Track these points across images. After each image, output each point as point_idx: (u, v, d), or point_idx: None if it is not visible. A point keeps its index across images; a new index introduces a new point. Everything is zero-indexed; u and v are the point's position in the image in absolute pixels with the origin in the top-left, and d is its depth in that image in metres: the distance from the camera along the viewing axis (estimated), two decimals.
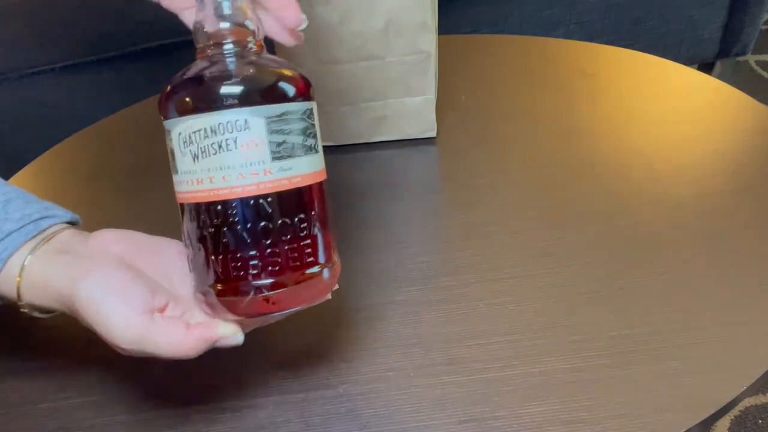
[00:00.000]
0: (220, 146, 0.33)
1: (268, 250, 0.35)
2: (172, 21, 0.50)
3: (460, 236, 0.53)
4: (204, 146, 0.33)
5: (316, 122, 0.37)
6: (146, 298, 0.35)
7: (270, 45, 0.46)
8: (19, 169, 0.71)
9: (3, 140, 1.16)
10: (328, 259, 0.37)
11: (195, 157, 0.34)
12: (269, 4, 0.39)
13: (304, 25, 0.39)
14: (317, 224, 0.36)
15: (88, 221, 0.55)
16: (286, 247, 0.35)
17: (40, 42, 1.10)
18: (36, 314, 0.39)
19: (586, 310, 0.45)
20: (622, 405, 0.39)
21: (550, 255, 0.50)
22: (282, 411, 0.42)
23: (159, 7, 0.43)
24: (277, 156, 0.34)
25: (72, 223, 0.41)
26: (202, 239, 0.35)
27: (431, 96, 0.64)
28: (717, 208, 0.53)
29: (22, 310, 0.38)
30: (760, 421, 0.95)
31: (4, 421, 0.43)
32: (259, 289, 0.35)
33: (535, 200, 0.56)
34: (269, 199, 0.34)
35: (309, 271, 0.36)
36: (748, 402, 0.97)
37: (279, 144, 0.34)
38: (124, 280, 0.35)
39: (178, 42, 1.15)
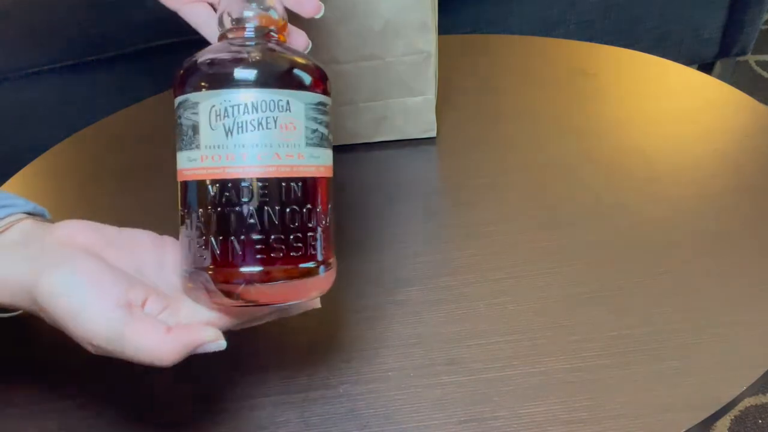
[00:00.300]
0: (260, 123, 0.33)
1: (292, 235, 0.34)
2: (172, 21, 0.50)
3: (460, 236, 0.53)
4: (242, 121, 0.33)
5: (332, 117, 0.38)
6: (121, 289, 0.32)
7: None
8: (19, 169, 0.71)
9: (3, 140, 1.16)
10: (331, 256, 0.37)
11: (229, 131, 0.33)
12: None
13: (321, 13, 0.40)
14: (328, 220, 0.36)
15: (91, 216, 0.55)
16: (309, 234, 0.35)
17: (40, 42, 1.10)
18: None
19: (586, 310, 0.45)
20: (622, 405, 0.39)
21: (550, 255, 0.50)
22: (282, 411, 0.42)
23: (157, 3, 0.43)
24: (310, 142, 0.34)
25: (34, 215, 0.37)
26: (218, 220, 0.33)
27: (431, 96, 0.64)
28: (717, 208, 0.53)
29: None
30: (760, 421, 0.95)
31: (4, 421, 0.43)
32: (267, 279, 0.34)
33: (535, 200, 0.56)
34: (299, 184, 0.34)
35: (316, 263, 0.35)
36: (748, 402, 0.97)
37: (313, 131, 0.35)
38: (95, 271, 0.32)
39: (178, 42, 1.15)
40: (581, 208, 0.54)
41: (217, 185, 0.33)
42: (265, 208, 0.33)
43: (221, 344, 0.33)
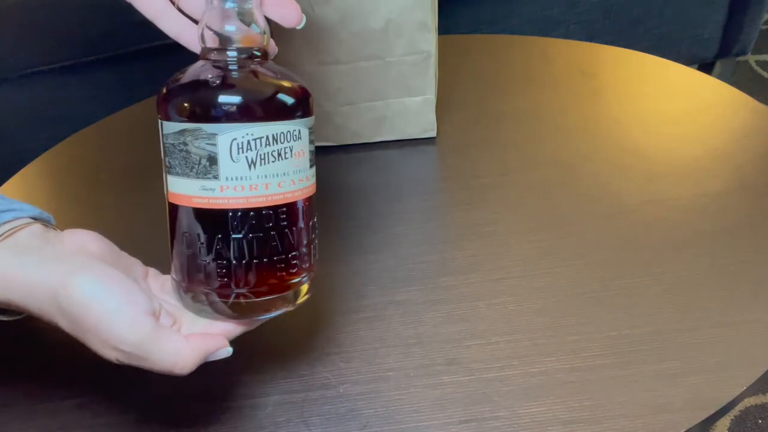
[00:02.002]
0: (279, 154, 0.34)
1: (303, 250, 0.37)
2: None
3: (460, 236, 0.53)
4: (264, 154, 0.34)
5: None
6: (147, 299, 0.33)
7: None
8: (19, 169, 0.71)
9: (3, 140, 1.16)
10: (313, 269, 0.40)
11: (252, 164, 0.34)
12: (267, 6, 0.39)
13: (303, 24, 0.39)
14: (314, 235, 0.39)
15: (89, 221, 0.55)
16: (312, 246, 0.38)
17: (40, 42, 1.10)
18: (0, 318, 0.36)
19: (586, 310, 0.45)
20: (622, 405, 0.39)
21: (550, 255, 0.50)
22: (282, 411, 0.42)
23: (132, 8, 0.42)
24: (312, 163, 0.37)
25: (38, 219, 0.37)
26: (239, 246, 0.35)
27: (431, 96, 0.64)
28: (717, 208, 0.53)
29: None
30: (760, 421, 0.95)
31: (4, 421, 0.43)
32: (281, 290, 0.37)
33: (535, 200, 0.56)
34: (307, 203, 0.37)
35: (310, 271, 0.39)
36: (748, 402, 0.97)
37: (312, 152, 0.37)
38: (121, 279, 0.33)
39: (178, 42, 1.15)
40: (581, 208, 0.54)
41: (239, 214, 0.34)
42: (285, 231, 0.36)
43: (229, 350, 0.36)
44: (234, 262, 0.35)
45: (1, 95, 1.13)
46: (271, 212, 0.35)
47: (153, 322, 0.32)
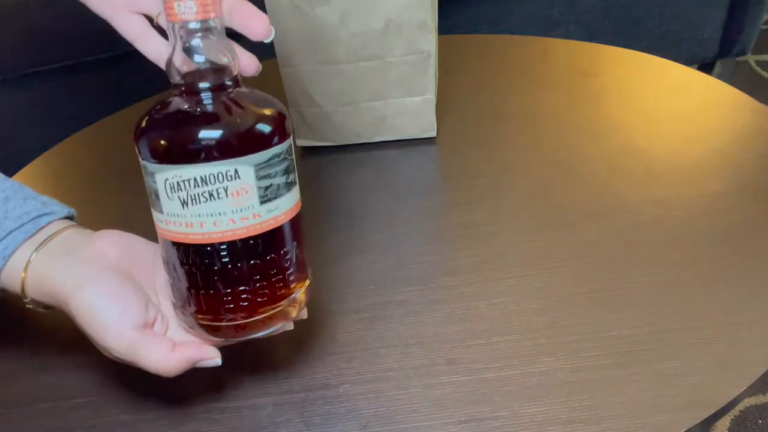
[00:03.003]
0: (211, 195, 0.34)
1: (257, 284, 0.37)
2: None
3: (460, 236, 0.53)
4: (194, 194, 0.34)
5: (293, 155, 0.38)
6: (141, 312, 0.37)
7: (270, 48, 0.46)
8: (19, 169, 0.71)
9: (3, 140, 1.16)
10: (305, 277, 0.41)
11: (184, 203, 0.35)
12: (234, 19, 0.39)
13: (271, 37, 0.39)
14: (297, 251, 0.39)
15: (88, 221, 0.55)
16: (273, 279, 0.37)
17: (40, 42, 1.10)
18: (39, 309, 0.40)
19: (586, 310, 0.45)
20: (622, 405, 0.39)
21: (550, 255, 0.50)
22: (282, 411, 0.42)
23: (84, 7, 0.42)
24: (264, 200, 0.36)
25: (69, 218, 0.42)
26: (188, 275, 0.37)
27: (431, 96, 0.64)
28: (717, 208, 0.53)
29: (26, 305, 0.39)
30: (760, 421, 0.95)
31: (4, 421, 0.43)
32: (245, 318, 0.37)
33: (536, 200, 0.56)
34: (258, 240, 0.36)
35: (293, 295, 0.39)
36: (748, 402, 0.97)
37: (266, 188, 0.36)
38: (120, 293, 0.37)
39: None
40: (581, 208, 0.54)
41: (182, 248, 0.36)
42: (228, 266, 0.36)
43: (217, 362, 0.39)
44: (189, 290, 0.37)
45: (1, 95, 1.13)
46: (209, 248, 0.36)
47: (138, 336, 0.37)
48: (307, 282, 0.41)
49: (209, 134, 0.34)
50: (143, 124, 0.36)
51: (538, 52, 0.78)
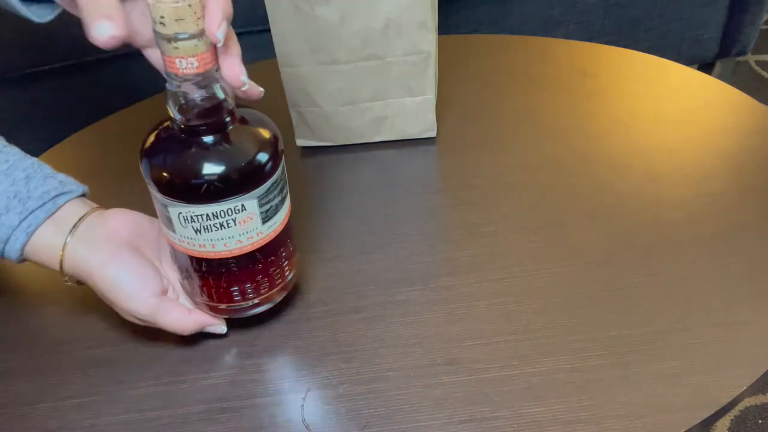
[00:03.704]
0: (221, 225, 0.39)
1: (260, 278, 0.44)
2: None
3: (460, 236, 0.53)
4: (206, 225, 0.39)
5: (285, 170, 0.43)
6: (158, 282, 0.44)
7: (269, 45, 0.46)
8: None
9: None
10: (295, 263, 0.47)
11: (197, 231, 0.40)
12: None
13: (245, 87, 0.40)
14: (291, 245, 0.45)
15: None
16: (272, 274, 0.44)
17: (40, 42, 1.10)
18: (72, 284, 0.45)
19: (586, 310, 0.45)
20: (622, 405, 0.39)
21: (550, 255, 0.50)
22: (282, 411, 0.42)
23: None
24: (265, 220, 0.41)
25: (83, 194, 0.47)
26: (201, 277, 0.43)
27: (431, 96, 0.64)
28: (717, 208, 0.53)
29: (64, 281, 0.45)
30: (760, 421, 0.95)
31: (4, 421, 0.43)
32: (250, 307, 0.45)
33: (535, 200, 0.56)
34: (262, 250, 0.42)
35: (288, 278, 0.46)
36: (748, 402, 0.97)
37: (267, 210, 0.41)
38: (140, 267, 0.44)
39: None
40: (581, 208, 0.54)
41: (195, 260, 0.42)
42: (236, 271, 0.42)
43: (223, 329, 0.47)
44: (201, 289, 0.44)
45: (1, 95, 1.13)
46: (219, 261, 0.42)
47: (159, 301, 0.44)
48: (294, 264, 0.47)
49: (221, 177, 0.38)
50: (153, 154, 0.39)
51: (538, 52, 0.78)
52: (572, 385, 0.40)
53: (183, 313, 0.45)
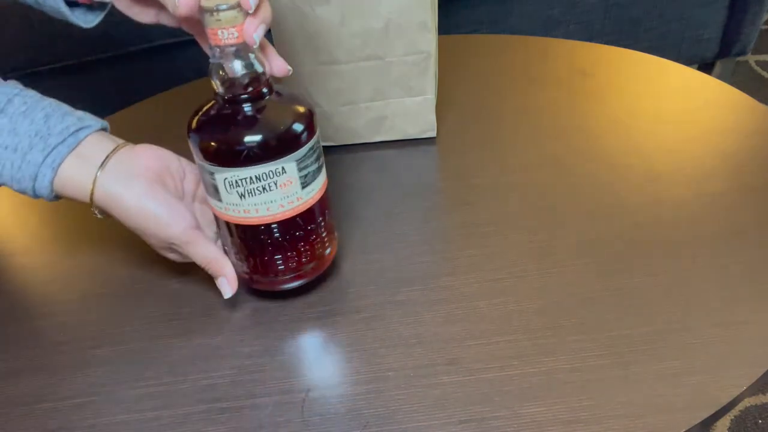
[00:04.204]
0: (264, 188, 0.42)
1: (301, 247, 0.46)
2: None
3: (460, 236, 0.53)
4: (250, 189, 0.42)
5: (320, 142, 0.45)
6: (192, 217, 0.47)
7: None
8: None
9: None
10: (334, 238, 0.50)
11: (241, 195, 0.42)
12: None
13: (289, 73, 0.45)
14: (328, 217, 0.48)
15: (89, 221, 0.55)
16: (312, 244, 0.47)
17: (40, 42, 1.10)
18: (100, 216, 0.47)
19: (586, 310, 0.45)
20: (622, 405, 0.39)
21: (550, 255, 0.50)
22: (282, 411, 0.42)
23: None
24: (304, 185, 0.44)
25: (103, 129, 0.48)
26: (247, 246, 0.46)
27: (431, 96, 0.64)
28: (717, 208, 0.53)
29: (93, 213, 0.47)
30: (760, 421, 0.95)
31: (4, 421, 0.43)
32: (290, 279, 0.47)
33: (535, 200, 0.56)
34: (302, 216, 0.45)
35: (327, 251, 0.49)
36: (748, 402, 0.97)
37: (305, 176, 0.44)
38: (176, 203, 0.46)
39: (178, 42, 1.15)
40: (581, 208, 0.54)
41: (240, 228, 0.45)
42: (279, 239, 0.45)
43: (229, 295, 0.48)
44: (244, 256, 0.47)
45: None
46: (263, 227, 0.44)
47: (194, 232, 0.46)
48: (335, 238, 0.50)
49: (262, 141, 0.41)
50: (200, 128, 0.42)
51: (538, 52, 0.78)
52: (572, 385, 0.40)
53: (214, 250, 0.47)
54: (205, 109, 0.43)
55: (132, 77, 1.17)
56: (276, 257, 0.46)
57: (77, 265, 0.56)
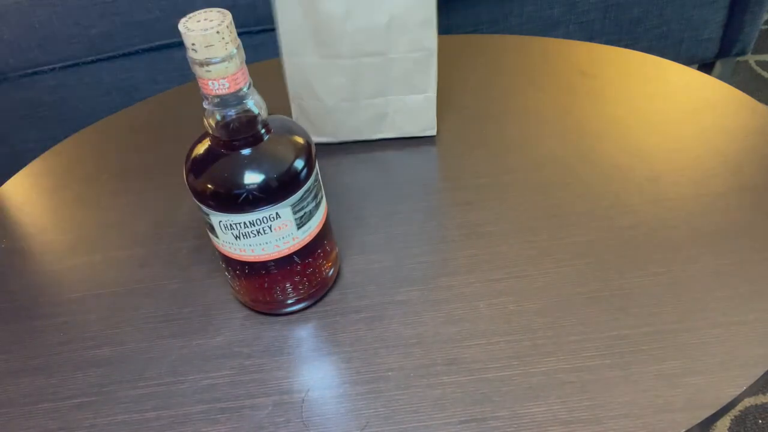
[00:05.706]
0: (258, 232, 0.42)
1: (298, 279, 0.46)
2: (172, 21, 0.50)
3: (460, 236, 0.53)
4: (244, 232, 0.42)
5: (318, 174, 0.45)
6: None
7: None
8: (19, 169, 0.71)
9: (3, 140, 1.16)
10: (335, 260, 0.50)
11: (236, 237, 0.43)
12: None
13: None
14: (328, 245, 0.48)
15: (89, 221, 0.55)
16: (311, 274, 0.47)
17: (40, 42, 1.10)
18: None
19: (586, 310, 0.45)
20: (622, 405, 0.39)
21: (550, 255, 0.50)
22: (282, 411, 0.42)
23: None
24: (300, 225, 0.44)
25: None
26: (244, 277, 0.46)
27: (433, 94, 0.64)
28: (717, 208, 0.53)
29: None
30: (760, 421, 0.95)
31: (4, 421, 0.43)
32: (290, 304, 0.48)
33: (535, 200, 0.56)
34: (299, 253, 0.45)
35: (326, 276, 0.48)
36: (748, 402, 0.97)
37: (301, 217, 0.43)
38: None
39: (178, 42, 1.15)
40: (581, 208, 0.54)
41: (238, 263, 0.45)
42: (275, 274, 0.45)
43: None
44: (242, 288, 0.47)
45: (1, 95, 1.13)
46: (260, 264, 0.44)
47: None
48: (337, 257, 0.50)
49: (254, 189, 0.40)
50: (194, 170, 0.42)
51: (538, 52, 0.78)
52: (572, 385, 0.40)
53: None
54: (200, 148, 0.42)
55: (132, 77, 1.17)
56: (274, 288, 0.46)
57: (77, 265, 0.56)
